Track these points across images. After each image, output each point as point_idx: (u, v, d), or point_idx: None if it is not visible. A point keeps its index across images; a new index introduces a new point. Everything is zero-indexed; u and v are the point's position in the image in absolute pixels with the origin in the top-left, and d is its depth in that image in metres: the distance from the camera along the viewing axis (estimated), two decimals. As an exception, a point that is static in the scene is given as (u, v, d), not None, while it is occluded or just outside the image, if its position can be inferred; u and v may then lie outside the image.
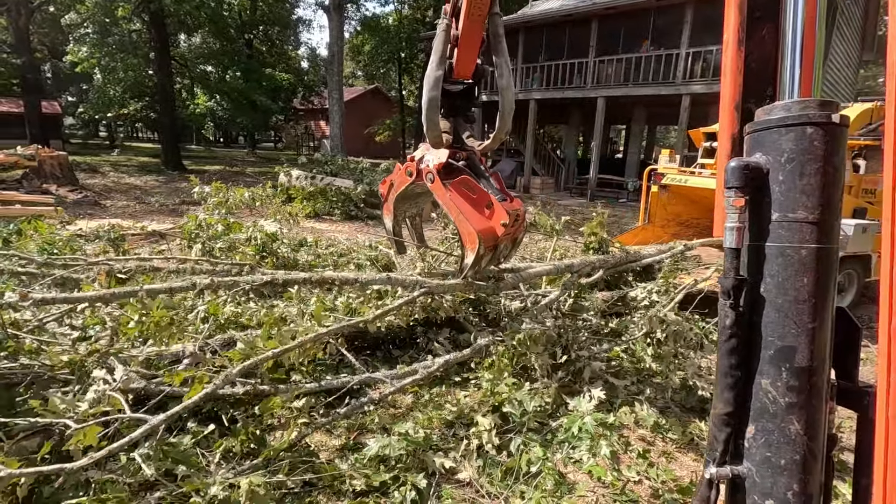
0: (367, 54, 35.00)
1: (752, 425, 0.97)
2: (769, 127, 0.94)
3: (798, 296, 0.91)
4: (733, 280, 0.96)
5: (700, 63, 14.06)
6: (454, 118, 2.88)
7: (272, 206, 5.63)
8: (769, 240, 0.94)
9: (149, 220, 8.76)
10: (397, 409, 3.00)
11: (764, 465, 0.95)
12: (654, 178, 5.71)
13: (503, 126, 2.68)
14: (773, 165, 0.93)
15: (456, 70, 2.70)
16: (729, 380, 0.97)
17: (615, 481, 2.37)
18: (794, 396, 0.92)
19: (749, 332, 0.97)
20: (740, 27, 1.07)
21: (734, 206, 0.94)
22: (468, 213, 2.64)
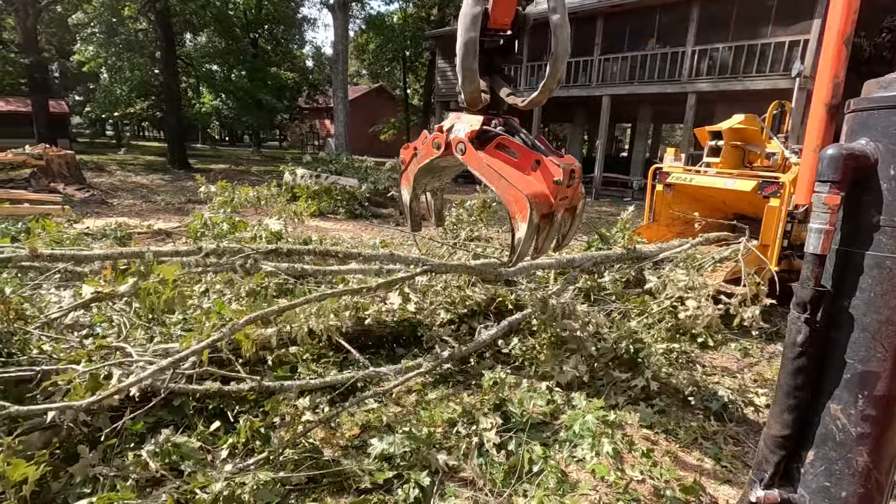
0: (371, 53, 35.07)
1: (813, 451, 0.88)
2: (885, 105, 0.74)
3: (892, 316, 0.77)
4: (812, 291, 0.84)
5: (706, 61, 13.98)
6: (490, 77, 2.43)
7: (277, 205, 5.65)
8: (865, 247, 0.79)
9: (155, 218, 8.82)
10: (402, 407, 3.02)
11: (821, 494, 0.86)
12: (659, 177, 5.69)
13: (555, 73, 2.18)
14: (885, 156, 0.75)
15: (493, 16, 2.24)
16: (791, 401, 0.88)
17: (618, 480, 2.37)
18: (869, 427, 0.81)
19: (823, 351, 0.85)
20: None
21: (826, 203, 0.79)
22: (513, 177, 2.20)
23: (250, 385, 2.63)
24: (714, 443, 2.83)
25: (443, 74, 22.11)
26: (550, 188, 2.14)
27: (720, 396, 3.15)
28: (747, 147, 5.69)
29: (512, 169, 2.23)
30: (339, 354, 3.32)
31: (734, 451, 2.77)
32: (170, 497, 1.97)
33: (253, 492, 2.06)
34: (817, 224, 0.81)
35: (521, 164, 2.22)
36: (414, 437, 2.46)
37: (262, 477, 2.04)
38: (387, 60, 36.21)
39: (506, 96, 2.38)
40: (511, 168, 2.23)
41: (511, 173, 2.21)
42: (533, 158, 2.18)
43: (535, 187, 2.16)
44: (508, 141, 2.24)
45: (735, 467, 2.64)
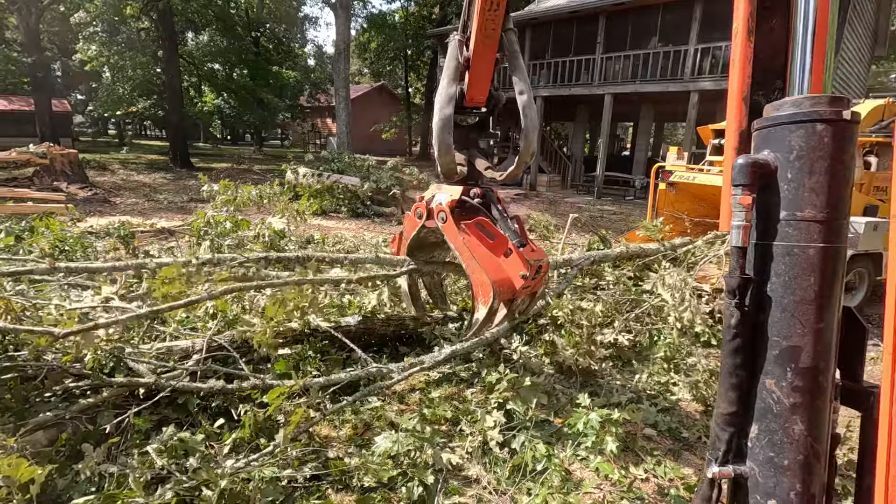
0: (373, 51, 35.04)
1: (756, 425, 0.97)
2: (778, 123, 0.92)
3: (805, 296, 0.90)
4: (739, 279, 0.95)
5: (709, 59, 13.94)
6: (468, 150, 2.60)
7: (280, 204, 5.66)
8: (776, 238, 0.93)
9: (158, 217, 8.84)
10: (406, 405, 3.02)
11: (767, 464, 0.95)
12: (662, 176, 5.68)
13: (528, 147, 2.36)
14: (782, 163, 0.91)
15: (469, 94, 2.44)
16: (733, 379, 0.97)
17: (622, 479, 2.37)
18: (799, 397, 0.91)
19: (754, 331, 0.96)
20: (750, 17, 1.05)
21: (741, 203, 0.93)
22: (484, 260, 2.32)
23: (253, 382, 2.64)
24: (718, 442, 2.83)
25: (444, 73, 22.11)
26: (516, 279, 2.28)
27: (724, 395, 3.14)
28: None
29: (484, 252, 2.35)
30: (342, 352, 3.32)
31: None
32: (175, 494, 1.98)
33: (258, 488, 2.07)
34: (736, 221, 0.94)
35: (494, 247, 2.34)
36: (418, 435, 2.46)
37: (267, 473, 2.05)
38: (388, 59, 36.18)
39: (483, 169, 2.54)
40: (484, 251, 2.35)
41: (482, 256, 2.34)
42: (506, 247, 2.31)
43: (501, 275, 2.30)
44: (488, 224, 2.36)
45: (739, 466, 2.64)
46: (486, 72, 2.41)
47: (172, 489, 2.00)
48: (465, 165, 2.53)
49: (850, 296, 5.41)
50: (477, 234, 2.37)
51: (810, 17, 0.96)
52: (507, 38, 2.36)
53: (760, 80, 1.05)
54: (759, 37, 1.05)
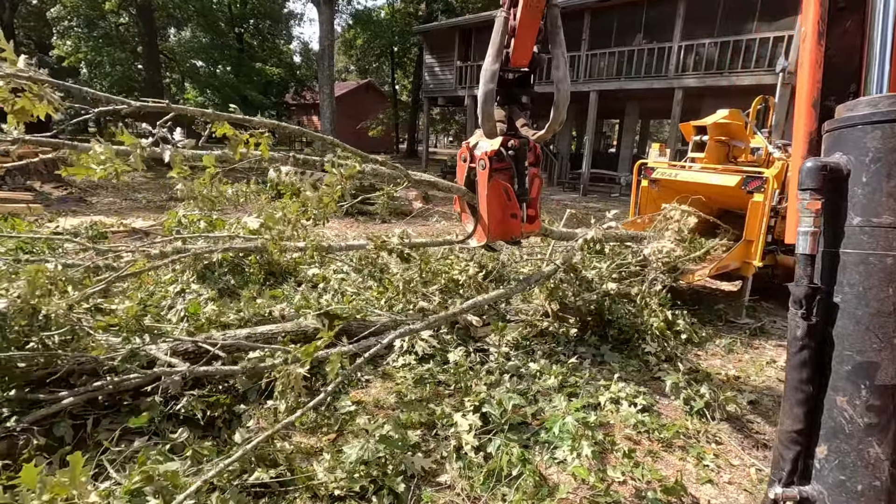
0: (359, 48, 34.78)
1: (825, 445, 0.90)
2: (853, 124, 0.86)
3: (882, 307, 0.83)
4: (806, 288, 0.91)
5: (693, 56, 14.01)
6: (509, 106, 2.89)
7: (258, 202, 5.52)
8: (849, 246, 0.87)
9: (135, 216, 8.63)
10: (381, 409, 2.94)
11: (838, 489, 0.87)
12: (645, 173, 5.65)
13: (557, 117, 2.66)
14: (856, 166, 0.85)
15: (512, 59, 2.70)
16: (799, 395, 0.91)
17: (598, 483, 2.32)
18: (875, 416, 0.83)
19: (822, 344, 0.90)
20: (821, 19, 0.98)
21: (809, 209, 0.88)
22: (493, 214, 2.84)
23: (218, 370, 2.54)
24: (697, 442, 2.80)
25: (430, 70, 21.96)
26: (507, 235, 2.90)
27: (703, 394, 3.12)
28: (731, 142, 5.68)
29: (496, 210, 2.84)
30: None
31: (716, 450, 2.74)
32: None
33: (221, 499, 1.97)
34: (804, 227, 0.89)
35: (506, 209, 2.83)
36: (390, 441, 2.39)
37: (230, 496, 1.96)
38: (374, 56, 35.93)
39: (520, 126, 2.86)
40: (497, 209, 2.84)
41: (494, 212, 2.84)
42: (514, 212, 2.83)
43: (500, 229, 2.87)
44: (510, 190, 2.83)
45: (718, 466, 2.61)
46: (529, 42, 2.65)
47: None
48: (505, 122, 2.84)
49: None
50: (498, 192, 2.82)
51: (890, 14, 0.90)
52: (551, 13, 2.57)
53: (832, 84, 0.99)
54: (832, 40, 0.99)
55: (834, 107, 0.94)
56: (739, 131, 5.71)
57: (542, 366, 3.37)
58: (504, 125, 2.84)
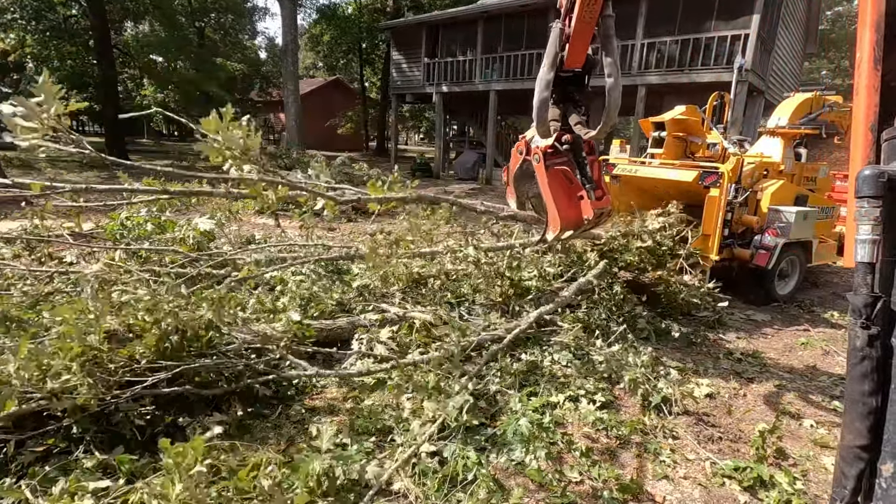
0: (326, 45, 34.16)
1: (892, 463, 0.84)
2: None
3: None
4: (866, 297, 0.87)
5: (655, 53, 14.28)
6: (563, 104, 2.97)
7: (212, 202, 5.29)
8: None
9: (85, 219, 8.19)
10: (335, 415, 2.83)
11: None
12: (606, 169, 5.69)
13: (609, 120, 2.76)
14: None
15: (567, 61, 2.80)
16: (861, 408, 0.87)
17: (554, 485, 2.28)
18: None
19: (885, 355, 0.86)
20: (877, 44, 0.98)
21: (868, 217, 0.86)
22: (559, 201, 2.89)
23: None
24: (654, 437, 2.80)
25: (398, 67, 21.74)
26: (580, 220, 2.91)
27: (661, 389, 3.13)
28: (689, 138, 5.77)
29: (562, 194, 2.90)
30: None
31: (673, 445, 2.75)
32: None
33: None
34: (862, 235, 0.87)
35: (571, 192, 2.90)
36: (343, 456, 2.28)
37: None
38: (342, 52, 35.35)
39: (574, 124, 2.92)
40: (561, 193, 2.90)
41: (559, 197, 2.90)
42: (578, 193, 2.89)
43: (570, 213, 2.89)
44: (569, 173, 2.91)
45: (674, 461, 2.61)
46: (583, 47, 2.77)
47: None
48: (559, 120, 2.91)
49: (783, 283, 5.61)
50: (559, 179, 2.89)
51: None
52: (605, 23, 2.65)
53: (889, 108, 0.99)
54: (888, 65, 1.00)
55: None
56: (696, 127, 5.81)
57: (503, 365, 3.32)
58: (559, 123, 2.92)
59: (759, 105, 14.60)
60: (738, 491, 2.41)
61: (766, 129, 6.05)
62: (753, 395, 3.46)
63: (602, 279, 4.36)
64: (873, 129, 0.99)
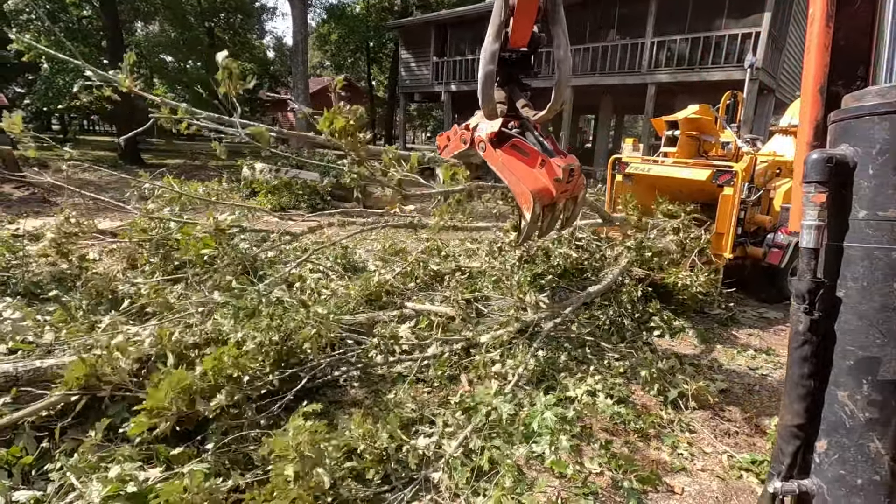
0: (334, 44, 34.26)
1: (825, 439, 0.90)
2: (860, 115, 0.84)
3: (886, 302, 0.82)
4: (809, 283, 0.89)
5: (665, 52, 14.25)
6: (509, 86, 2.81)
7: (230, 201, 5.40)
8: (854, 240, 0.85)
9: (102, 217, 8.34)
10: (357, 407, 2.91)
11: (837, 483, 0.87)
12: (619, 167, 5.73)
13: (559, 97, 2.61)
14: (863, 158, 0.84)
15: (512, 39, 2.63)
16: (800, 390, 0.91)
17: (576, 475, 2.35)
18: (877, 412, 0.83)
19: (825, 339, 0.89)
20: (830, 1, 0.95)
21: (814, 202, 0.86)
22: (521, 174, 2.61)
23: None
24: (671, 431, 2.86)
25: (406, 66, 21.80)
26: (552, 184, 2.56)
27: (677, 384, 3.18)
28: (702, 137, 5.79)
29: (522, 166, 2.63)
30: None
31: (690, 439, 2.80)
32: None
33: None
34: (808, 221, 0.87)
35: (529, 162, 2.63)
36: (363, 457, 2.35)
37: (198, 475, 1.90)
38: (350, 52, 35.46)
39: (521, 107, 2.77)
40: (521, 166, 2.63)
41: (520, 170, 2.62)
42: (539, 158, 2.57)
43: (538, 184, 2.57)
44: (521, 143, 2.65)
45: (691, 454, 2.67)
46: (529, 21, 2.58)
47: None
48: (506, 103, 2.76)
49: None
50: (513, 154, 2.66)
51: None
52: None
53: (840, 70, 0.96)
54: (840, 21, 0.95)
55: (841, 93, 0.92)
56: (710, 126, 5.83)
57: (518, 361, 3.38)
58: (504, 107, 2.77)
59: (769, 103, 14.53)
60: (755, 483, 2.46)
61: (779, 127, 6.05)
62: (768, 390, 3.50)
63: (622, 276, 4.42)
64: (822, 91, 0.97)
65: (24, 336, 3.11)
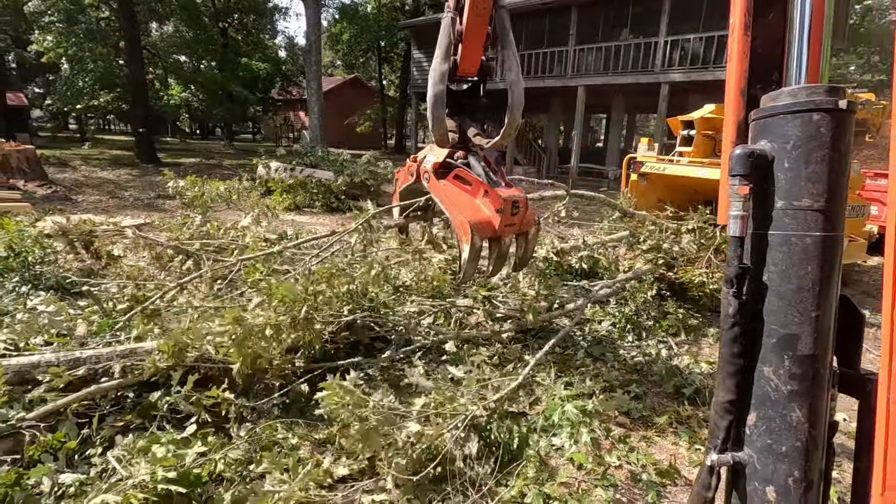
0: (345, 43, 34.46)
1: (754, 413, 0.97)
2: (775, 113, 0.92)
3: (802, 284, 0.90)
4: (736, 268, 0.95)
5: (678, 51, 14.18)
6: (459, 116, 2.76)
7: (249, 200, 5.52)
8: (774, 228, 0.93)
9: (122, 215, 8.53)
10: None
11: (765, 451, 0.95)
12: (634, 167, 5.76)
13: (512, 121, 2.53)
14: (779, 152, 0.92)
15: (461, 66, 2.59)
16: (731, 368, 0.97)
17: (595, 467, 2.40)
18: (797, 384, 0.91)
19: (752, 320, 0.96)
20: (747, 11, 1.04)
21: (738, 194, 0.93)
22: (462, 205, 2.47)
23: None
24: (688, 426, 2.90)
25: (418, 65, 21.90)
26: (494, 216, 2.41)
27: (693, 381, 3.22)
28: (718, 136, 5.80)
29: (464, 196, 2.52)
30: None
31: (708, 435, 2.84)
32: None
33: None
34: (734, 211, 0.94)
35: (472, 192, 2.52)
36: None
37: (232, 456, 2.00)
38: (361, 51, 35.65)
39: (472, 136, 2.71)
40: (464, 195, 2.52)
41: (461, 202, 2.50)
42: (482, 189, 2.46)
43: (479, 215, 2.43)
44: (465, 173, 2.55)
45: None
46: (478, 46, 2.54)
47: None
48: (457, 132, 2.71)
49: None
50: (456, 184, 2.57)
51: (807, 8, 0.96)
52: (499, 15, 2.48)
53: (758, 74, 1.04)
54: (757, 31, 1.04)
55: (760, 95, 1.00)
56: (725, 126, 5.83)
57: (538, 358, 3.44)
58: (456, 135, 2.69)
59: (785, 102, 14.38)
60: (773, 478, 2.50)
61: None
62: (784, 389, 3.52)
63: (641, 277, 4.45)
64: (743, 94, 1.06)
65: (58, 329, 3.24)
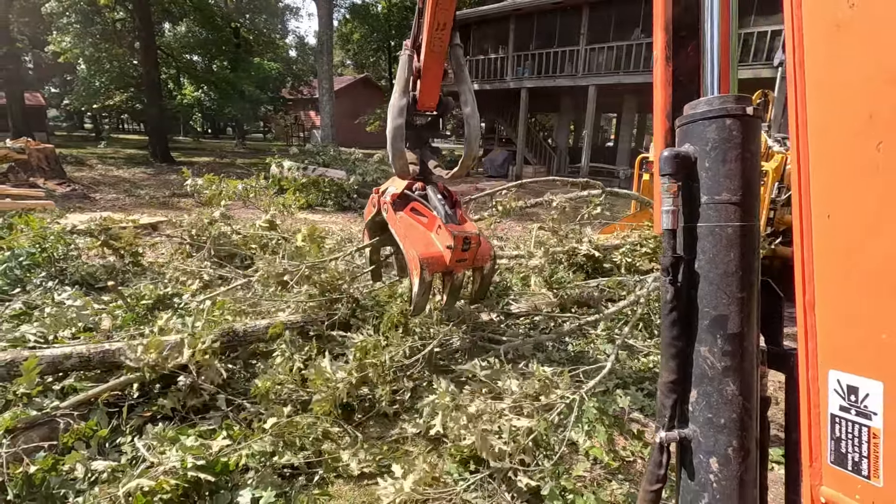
0: (356, 43, 34.70)
1: (695, 390, 1.05)
2: (695, 119, 1.04)
3: (727, 269, 1.00)
4: (671, 258, 1.05)
5: (690, 50, 14.07)
6: (420, 149, 2.87)
7: (266, 198, 5.62)
8: (700, 220, 1.03)
9: (139, 212, 8.69)
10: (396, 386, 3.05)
11: (706, 425, 1.03)
12: (646, 167, 5.76)
13: (470, 153, 2.67)
14: (700, 153, 1.03)
15: (420, 101, 2.72)
16: (672, 350, 1.05)
17: (611, 461, 2.45)
18: (729, 360, 1.00)
19: (688, 305, 1.06)
20: (667, 45, 1.16)
21: (668, 191, 1.04)
22: (415, 238, 2.50)
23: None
24: (701, 424, 2.92)
25: (429, 64, 21.94)
26: (445, 251, 2.45)
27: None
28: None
29: (418, 230, 2.59)
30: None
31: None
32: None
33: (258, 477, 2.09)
34: (665, 207, 1.04)
35: (427, 225, 2.60)
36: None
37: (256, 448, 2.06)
38: (372, 50, 35.86)
39: (433, 168, 2.80)
40: (418, 229, 2.59)
41: (415, 235, 2.55)
42: (437, 223, 2.52)
43: (430, 249, 2.48)
44: (421, 207, 2.64)
45: (721, 447, 2.74)
46: (435, 82, 2.66)
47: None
48: (418, 164, 2.78)
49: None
50: (412, 216, 2.64)
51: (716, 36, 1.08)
52: (454, 52, 2.58)
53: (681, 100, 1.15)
54: (677, 62, 1.16)
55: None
56: (739, 125, 5.81)
57: (549, 352, 3.49)
58: (417, 167, 2.77)
59: (799, 101, 14.24)
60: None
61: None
62: (798, 388, 3.53)
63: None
64: (668, 117, 1.17)
65: (84, 323, 3.35)
